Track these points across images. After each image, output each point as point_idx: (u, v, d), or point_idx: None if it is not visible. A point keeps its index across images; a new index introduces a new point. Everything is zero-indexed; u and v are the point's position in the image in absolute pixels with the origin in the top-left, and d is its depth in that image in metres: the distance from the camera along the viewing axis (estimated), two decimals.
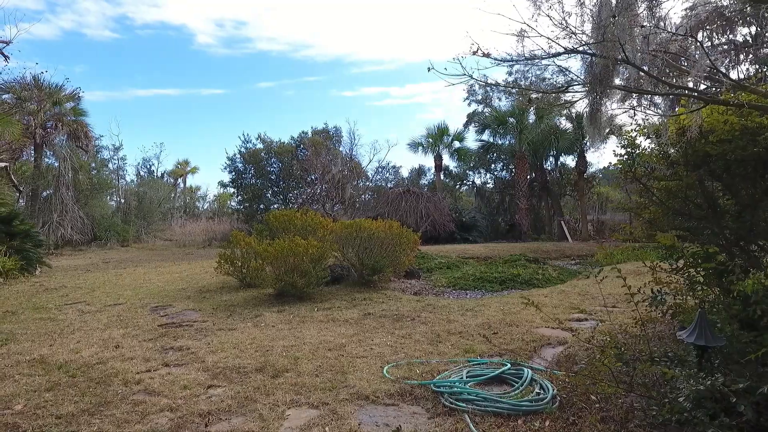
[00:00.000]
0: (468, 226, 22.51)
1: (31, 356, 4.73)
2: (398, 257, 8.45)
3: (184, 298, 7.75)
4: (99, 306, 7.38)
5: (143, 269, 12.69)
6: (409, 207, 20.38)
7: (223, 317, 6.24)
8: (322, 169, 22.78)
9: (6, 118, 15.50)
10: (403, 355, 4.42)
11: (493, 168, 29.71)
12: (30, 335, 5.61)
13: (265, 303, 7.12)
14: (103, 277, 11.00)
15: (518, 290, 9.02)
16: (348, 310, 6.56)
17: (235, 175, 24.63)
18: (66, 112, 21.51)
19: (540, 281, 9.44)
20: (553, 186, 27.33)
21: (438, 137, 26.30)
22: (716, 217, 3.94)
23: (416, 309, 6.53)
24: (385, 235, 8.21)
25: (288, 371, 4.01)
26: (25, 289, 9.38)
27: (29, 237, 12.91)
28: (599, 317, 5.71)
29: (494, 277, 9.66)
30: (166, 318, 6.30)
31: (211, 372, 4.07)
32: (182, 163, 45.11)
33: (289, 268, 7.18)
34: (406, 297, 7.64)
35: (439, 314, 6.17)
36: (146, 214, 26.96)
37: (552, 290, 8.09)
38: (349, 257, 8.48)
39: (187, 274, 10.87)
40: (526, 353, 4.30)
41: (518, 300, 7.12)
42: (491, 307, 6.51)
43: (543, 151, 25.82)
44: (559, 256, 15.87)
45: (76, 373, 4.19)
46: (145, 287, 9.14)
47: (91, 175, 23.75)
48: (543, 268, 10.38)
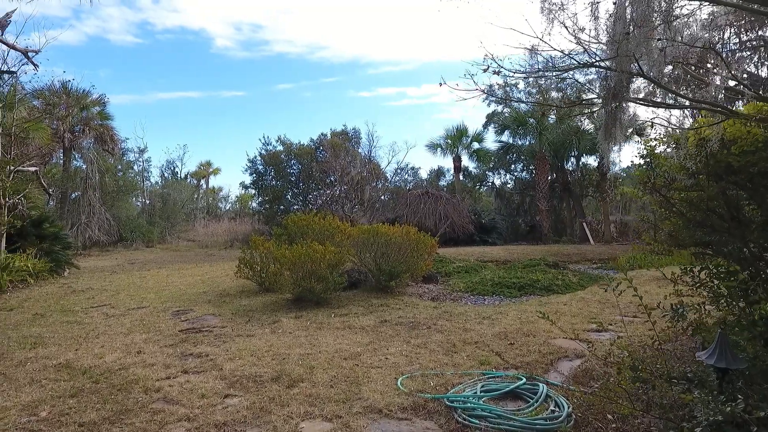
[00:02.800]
0: (487, 228, 22.33)
1: (57, 361, 4.89)
2: (415, 262, 8.44)
3: (205, 302, 7.90)
4: (123, 309, 7.58)
5: (166, 271, 12.98)
6: (428, 209, 20.33)
7: (241, 323, 6.34)
8: (341, 170, 22.91)
9: (36, 123, 16.05)
10: (418, 365, 4.42)
11: (513, 169, 29.41)
12: (57, 339, 5.80)
13: (283, 308, 7.21)
14: (128, 279, 11.29)
15: (537, 296, 8.90)
16: (364, 316, 6.59)
17: (255, 177, 24.95)
18: (93, 116, 22.15)
19: (559, 287, 9.30)
20: (575, 187, 26.88)
21: (457, 138, 26.17)
22: (740, 229, 3.83)
23: (433, 316, 6.52)
24: (402, 241, 8.22)
25: (303, 381, 4.06)
26: (54, 291, 9.71)
27: (58, 239, 13.34)
28: (618, 329, 5.61)
29: (513, 283, 9.55)
30: (187, 323, 6.44)
31: (228, 380, 4.14)
32: (205, 165, 45.98)
33: (306, 274, 7.25)
34: (423, 303, 7.63)
35: (455, 322, 6.14)
36: (170, 215, 27.57)
37: (572, 297, 7.97)
38: (367, 262, 8.51)
39: (209, 277, 11.07)
40: (542, 366, 4.26)
41: (536, 308, 7.04)
42: (509, 316, 6.45)
43: (564, 151, 25.43)
44: (580, 259, 15.60)
45: (99, 379, 4.31)
46: (167, 290, 9.35)
47: (117, 177, 24.40)
48: (563, 273, 10.22)
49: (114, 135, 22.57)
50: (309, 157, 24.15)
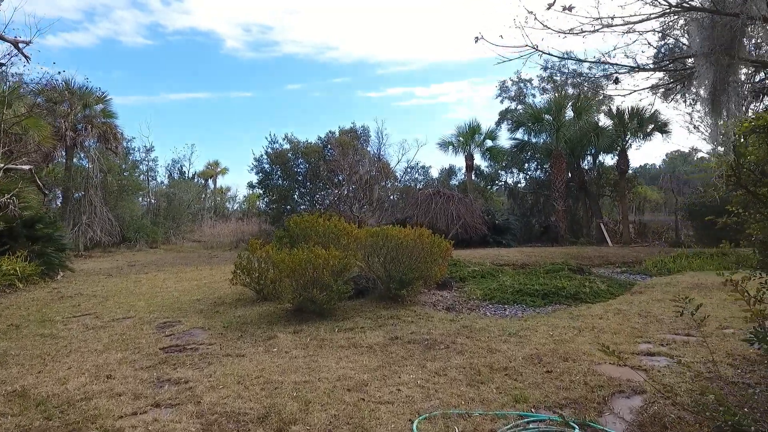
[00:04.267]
0: (501, 229, 21.38)
1: (13, 387, 4.17)
2: (429, 268, 7.62)
3: (196, 312, 7.16)
4: (106, 320, 6.87)
5: (164, 274, 12.30)
6: (439, 209, 19.47)
7: (232, 339, 5.58)
8: (350, 169, 22.13)
9: (35, 119, 15.48)
10: (437, 401, 3.61)
11: (527, 168, 28.45)
12: (23, 357, 5.09)
13: (282, 320, 6.44)
14: (122, 284, 10.62)
15: (563, 306, 8.05)
16: (372, 331, 5.79)
17: (262, 176, 24.22)
18: (96, 114, 21.60)
19: (587, 295, 8.43)
20: (591, 186, 25.83)
21: (469, 136, 25.24)
22: None
23: (450, 332, 5.70)
24: (414, 245, 7.41)
25: (296, 423, 3.27)
26: (41, 297, 9.04)
27: (52, 241, 12.71)
28: (672, 350, 4.75)
29: (535, 290, 8.70)
30: (171, 338, 5.69)
31: (204, 420, 3.37)
32: (212, 164, 45.51)
33: (308, 281, 6.48)
34: (438, 315, 6.82)
35: (477, 340, 5.32)
36: (175, 216, 26.98)
37: (605, 308, 7.11)
38: (375, 268, 7.71)
39: (206, 282, 10.36)
40: (593, 405, 3.42)
41: (568, 321, 6.20)
42: (538, 332, 5.61)
43: (581, 149, 24.42)
44: (602, 262, 14.65)
45: (53, 414, 3.57)
46: (159, 297, 8.65)
47: (120, 177, 23.85)
48: (590, 279, 9.33)
49: (117, 133, 21.99)
50: (317, 156, 23.39)
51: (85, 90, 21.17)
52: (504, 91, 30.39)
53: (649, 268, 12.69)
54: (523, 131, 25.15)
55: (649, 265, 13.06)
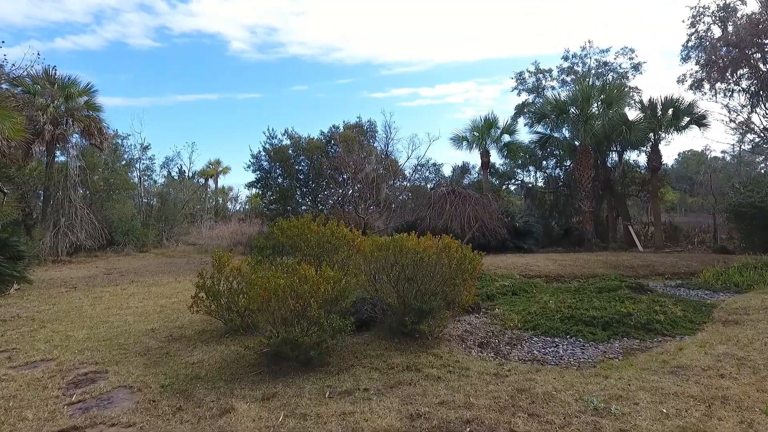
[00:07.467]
0: (522, 232, 19.28)
1: None
2: (458, 292, 5.64)
3: (139, 353, 5.23)
4: (16, 364, 4.97)
5: (135, 288, 10.43)
6: (454, 210, 17.43)
7: (165, 413, 3.63)
8: (355, 167, 20.16)
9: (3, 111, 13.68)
10: None
11: (546, 165, 26.33)
12: None
13: (249, 374, 4.48)
14: (77, 302, 8.74)
15: (634, 339, 6.05)
16: (381, 398, 3.82)
17: (260, 174, 22.25)
18: (79, 107, 19.80)
19: (663, 325, 6.40)
20: (617, 185, 23.62)
21: (485, 130, 23.16)
22: None
23: (501, 402, 3.72)
24: (438, 260, 5.43)
25: None
26: None
27: (7, 247, 10.92)
28: None
29: (592, 317, 6.70)
30: (76, 411, 3.75)
31: None
32: (214, 163, 43.85)
33: (289, 316, 4.54)
34: (474, 364, 4.82)
35: (547, 423, 3.34)
36: (168, 217, 25.18)
37: (705, 350, 5.06)
38: (384, 292, 5.74)
39: (175, 301, 8.44)
40: None
41: (671, 380, 4.17)
42: (639, 405, 3.60)
43: (608, 144, 22.22)
44: (648, 273, 12.54)
45: None
46: (108, 324, 6.74)
47: (107, 175, 22.08)
48: (660, 302, 7.28)
49: (102, 127, 20.13)
50: (319, 153, 21.43)
51: (68, 81, 19.41)
52: (521, 82, 28.27)
53: (711, 282, 10.60)
54: (544, 125, 23.02)
55: (709, 277, 10.97)
